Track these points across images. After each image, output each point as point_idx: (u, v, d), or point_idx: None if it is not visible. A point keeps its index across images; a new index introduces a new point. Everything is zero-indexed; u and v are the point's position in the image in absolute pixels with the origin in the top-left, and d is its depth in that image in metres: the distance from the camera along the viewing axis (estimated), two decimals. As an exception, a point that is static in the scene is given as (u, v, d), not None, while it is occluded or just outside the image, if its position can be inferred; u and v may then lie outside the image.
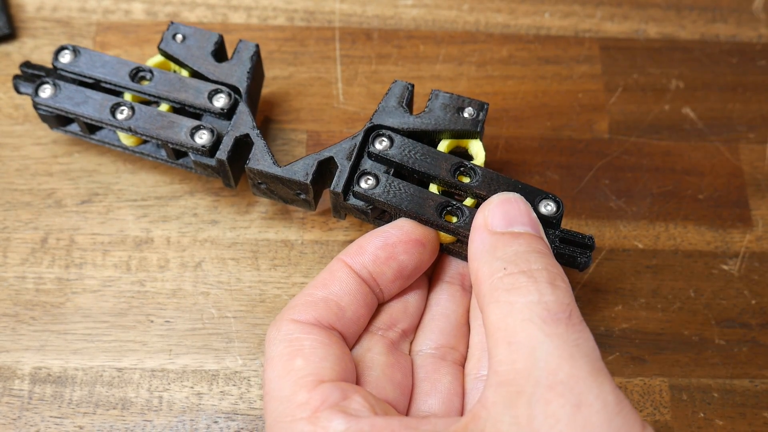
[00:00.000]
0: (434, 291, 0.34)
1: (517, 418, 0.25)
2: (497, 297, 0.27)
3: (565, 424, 0.24)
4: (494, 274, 0.28)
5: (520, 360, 0.25)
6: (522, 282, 0.27)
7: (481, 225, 0.30)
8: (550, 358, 0.25)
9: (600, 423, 0.24)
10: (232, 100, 0.36)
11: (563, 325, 0.26)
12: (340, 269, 0.31)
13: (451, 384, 0.31)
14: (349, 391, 0.27)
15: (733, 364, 0.37)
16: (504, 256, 0.28)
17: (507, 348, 0.26)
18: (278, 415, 0.27)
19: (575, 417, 0.24)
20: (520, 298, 0.27)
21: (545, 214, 0.33)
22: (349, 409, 0.26)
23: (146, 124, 0.36)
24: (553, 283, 0.27)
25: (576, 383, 0.25)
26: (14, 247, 0.38)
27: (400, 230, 0.32)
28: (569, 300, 0.27)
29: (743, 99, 0.44)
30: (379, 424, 0.26)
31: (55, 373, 0.36)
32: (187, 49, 0.37)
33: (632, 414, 0.25)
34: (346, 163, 0.34)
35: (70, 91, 0.36)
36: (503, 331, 0.26)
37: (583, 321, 0.27)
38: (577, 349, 0.25)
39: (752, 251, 0.40)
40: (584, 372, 0.25)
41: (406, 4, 0.46)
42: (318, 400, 0.27)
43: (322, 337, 0.29)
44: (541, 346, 0.25)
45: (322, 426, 0.26)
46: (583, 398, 0.24)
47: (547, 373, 0.25)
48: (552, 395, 0.24)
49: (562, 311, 0.26)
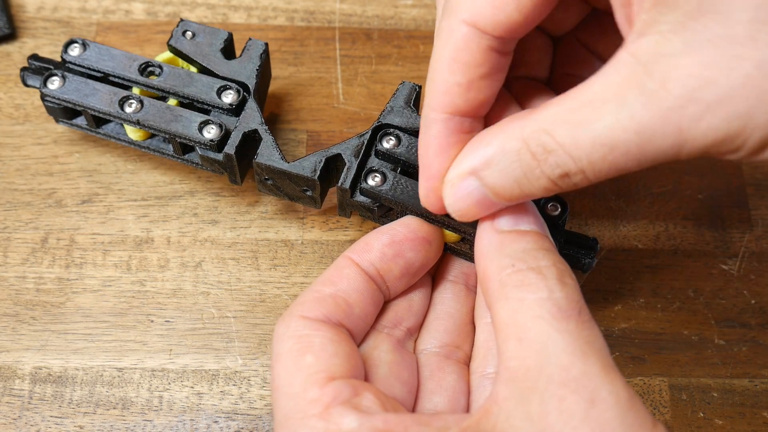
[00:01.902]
0: (438, 290, 0.34)
1: (530, 414, 0.25)
2: (506, 294, 0.27)
3: (580, 420, 0.24)
4: (503, 270, 0.28)
5: (531, 356, 0.26)
6: (531, 278, 0.27)
7: (488, 223, 0.30)
8: (562, 354, 0.25)
9: (614, 419, 0.24)
10: (240, 96, 0.36)
11: (574, 322, 0.26)
12: (347, 266, 0.31)
13: (457, 382, 0.31)
14: (360, 388, 0.27)
15: (733, 364, 0.37)
16: (512, 253, 0.28)
17: (518, 344, 0.26)
18: (288, 412, 0.27)
19: (589, 413, 0.24)
20: (530, 295, 0.27)
21: (550, 216, 0.33)
22: (360, 405, 0.26)
23: (154, 118, 0.36)
24: (562, 280, 0.27)
25: (589, 380, 0.25)
26: (15, 246, 0.39)
27: (407, 228, 0.32)
28: (578, 297, 0.27)
29: (743, 99, 0.44)
30: (392, 420, 0.26)
31: (56, 373, 0.36)
32: (197, 46, 0.38)
33: (644, 410, 0.25)
34: (353, 160, 0.34)
35: (78, 83, 0.36)
36: (513, 328, 0.26)
37: (593, 318, 0.27)
38: (588, 346, 0.25)
39: (752, 251, 0.40)
40: (596, 368, 0.25)
41: (406, 4, 0.46)
42: (330, 396, 0.26)
43: (332, 334, 0.29)
44: (552, 342, 0.25)
45: (335, 422, 0.26)
46: (597, 394, 0.24)
47: (559, 370, 0.25)
48: (565, 392, 0.24)
49: (572, 308, 0.26)
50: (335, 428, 0.26)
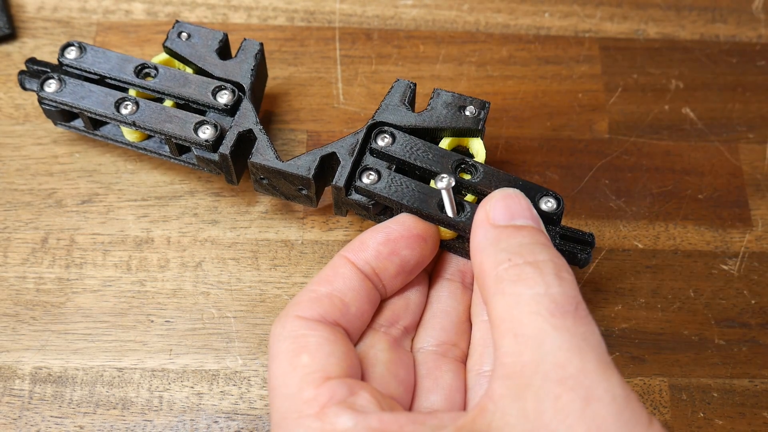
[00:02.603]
0: (434, 288, 0.34)
1: (525, 411, 0.25)
2: (503, 288, 0.27)
3: (575, 418, 0.24)
4: (499, 265, 0.28)
5: (527, 352, 0.25)
6: (528, 273, 0.27)
7: (483, 219, 0.30)
8: (558, 351, 0.25)
9: (609, 416, 0.24)
10: (235, 96, 0.36)
11: (571, 318, 0.26)
12: (342, 265, 0.31)
13: (453, 380, 0.31)
14: (356, 387, 0.27)
15: (733, 364, 0.37)
16: (508, 248, 0.28)
17: (513, 340, 0.26)
18: (285, 412, 0.27)
19: (585, 411, 0.24)
20: (527, 290, 0.26)
21: (546, 211, 0.33)
22: (356, 405, 0.26)
23: (150, 119, 0.36)
24: (559, 275, 0.27)
25: (585, 377, 0.25)
26: (15, 246, 0.39)
27: (402, 225, 0.32)
28: (575, 292, 0.27)
29: (743, 99, 0.44)
30: (387, 419, 0.26)
31: (56, 373, 0.36)
32: (192, 47, 0.38)
33: (640, 407, 0.25)
34: (348, 158, 0.34)
35: (74, 86, 0.37)
36: (509, 323, 0.26)
37: (590, 314, 0.27)
38: (585, 343, 0.25)
39: (752, 251, 0.40)
40: (592, 366, 0.25)
41: (406, 4, 0.46)
42: (325, 396, 0.26)
43: (328, 334, 0.29)
44: (549, 339, 0.25)
45: (330, 422, 0.26)
46: (592, 392, 0.24)
47: (555, 367, 0.25)
48: (561, 389, 0.24)
49: (569, 304, 0.26)
50: (331, 428, 0.26)
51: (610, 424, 0.24)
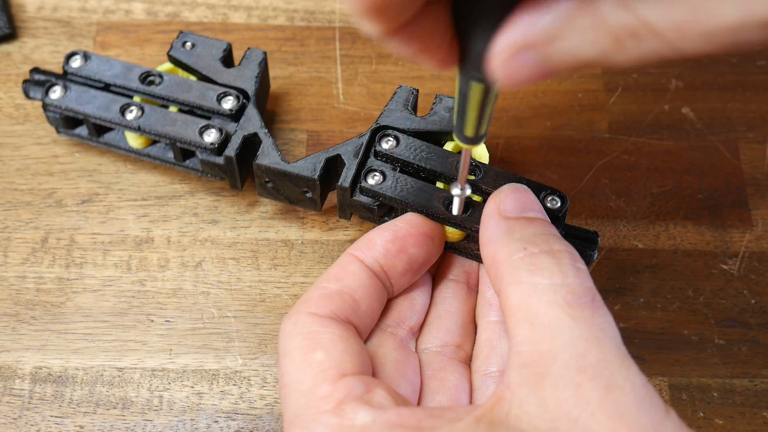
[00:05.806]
0: (439, 289, 0.34)
1: (544, 400, 0.25)
2: (518, 277, 0.27)
3: (597, 406, 0.24)
4: (514, 254, 0.27)
5: (544, 341, 0.25)
6: (545, 262, 0.27)
7: (494, 211, 0.29)
8: (577, 341, 0.25)
9: (631, 404, 0.24)
10: (240, 102, 0.37)
11: (588, 309, 0.26)
12: (351, 263, 0.31)
13: (459, 381, 0.31)
14: (372, 384, 0.27)
15: (733, 364, 0.37)
16: (523, 237, 0.28)
17: (530, 329, 0.26)
18: (300, 408, 0.27)
19: (606, 399, 0.24)
20: (544, 279, 0.26)
21: (550, 209, 0.33)
22: (373, 401, 0.26)
23: (155, 123, 0.36)
24: (575, 266, 0.27)
25: (605, 366, 0.25)
26: (15, 246, 0.39)
27: (409, 223, 0.32)
28: (591, 283, 0.27)
29: (743, 99, 0.44)
30: (405, 414, 0.26)
31: (56, 373, 0.36)
32: (197, 56, 0.38)
33: (657, 397, 0.25)
34: (353, 160, 0.34)
35: (79, 92, 0.37)
36: (525, 312, 0.26)
37: (605, 305, 0.27)
38: (603, 333, 0.25)
39: (752, 251, 0.40)
40: (612, 355, 0.25)
41: (406, 4, 0.46)
42: (342, 392, 0.26)
43: (341, 331, 0.29)
44: (566, 329, 0.25)
45: (348, 418, 0.26)
46: (613, 381, 0.24)
47: (575, 357, 0.25)
48: (582, 378, 0.24)
49: (585, 294, 0.26)
50: (349, 423, 0.26)
51: (632, 412, 0.24)
